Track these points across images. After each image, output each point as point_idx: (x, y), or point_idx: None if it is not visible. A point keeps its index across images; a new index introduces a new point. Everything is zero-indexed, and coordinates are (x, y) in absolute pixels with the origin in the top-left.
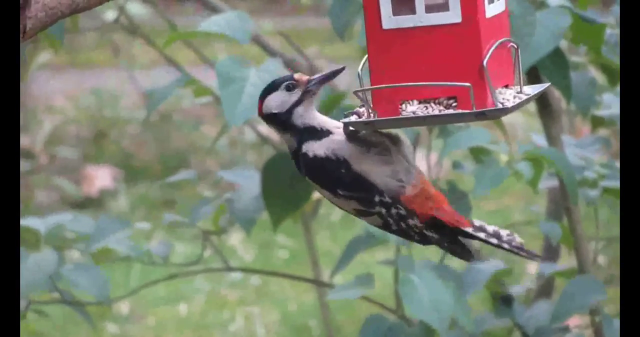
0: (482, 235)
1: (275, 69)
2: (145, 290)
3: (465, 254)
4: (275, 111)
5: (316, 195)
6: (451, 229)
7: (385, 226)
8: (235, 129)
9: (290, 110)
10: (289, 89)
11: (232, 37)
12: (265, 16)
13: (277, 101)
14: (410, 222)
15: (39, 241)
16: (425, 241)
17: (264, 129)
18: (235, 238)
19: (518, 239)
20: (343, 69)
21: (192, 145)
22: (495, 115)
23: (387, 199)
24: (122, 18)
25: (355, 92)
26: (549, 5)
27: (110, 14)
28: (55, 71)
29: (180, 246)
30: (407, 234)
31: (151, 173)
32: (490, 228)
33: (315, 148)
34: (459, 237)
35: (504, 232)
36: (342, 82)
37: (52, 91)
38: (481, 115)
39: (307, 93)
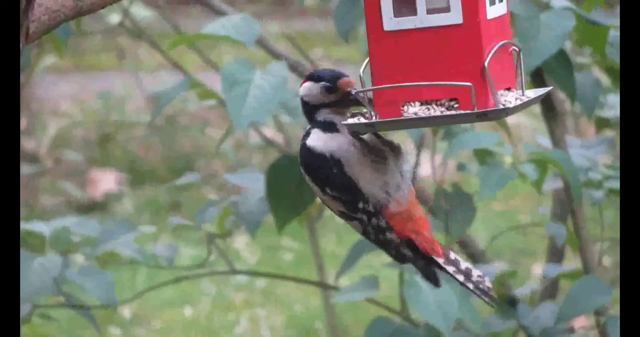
0: (450, 269)
1: (280, 72)
2: (151, 293)
3: (434, 279)
4: (302, 95)
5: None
6: (423, 255)
7: (365, 234)
8: (241, 131)
9: (317, 107)
10: (328, 89)
11: (237, 40)
12: (271, 19)
13: (307, 91)
14: (388, 236)
15: (44, 245)
16: (401, 258)
17: (269, 131)
18: (240, 241)
19: (487, 283)
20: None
21: (198, 149)
22: (496, 115)
23: (370, 208)
24: (126, 21)
25: (357, 93)
26: (553, 7)
27: (114, 17)
28: (61, 75)
29: (186, 249)
30: (384, 247)
31: (157, 176)
32: (464, 265)
33: (314, 140)
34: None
35: (475, 272)
36: None
37: (57, 95)
38: (483, 116)
39: (340, 103)
